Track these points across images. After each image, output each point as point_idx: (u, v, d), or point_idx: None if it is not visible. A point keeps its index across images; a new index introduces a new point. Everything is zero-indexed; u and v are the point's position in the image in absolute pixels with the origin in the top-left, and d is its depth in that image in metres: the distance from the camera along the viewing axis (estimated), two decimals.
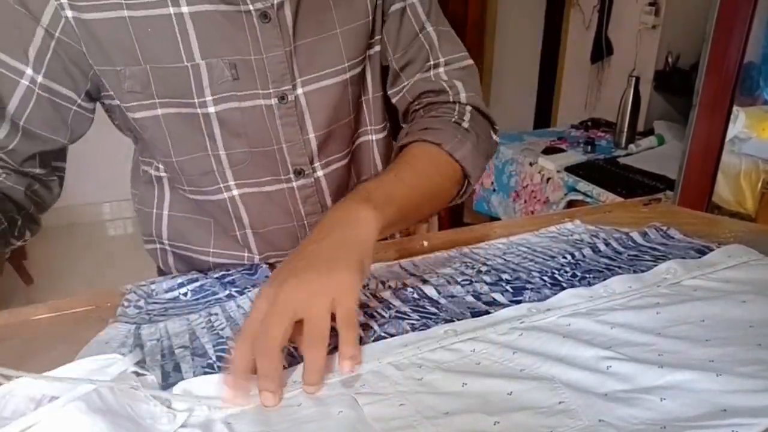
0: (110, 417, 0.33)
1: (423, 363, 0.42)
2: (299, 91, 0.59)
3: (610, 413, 0.35)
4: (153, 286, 0.58)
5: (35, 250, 2.56)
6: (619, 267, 0.58)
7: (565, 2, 2.60)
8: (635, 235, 0.66)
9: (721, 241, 0.64)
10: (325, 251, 0.44)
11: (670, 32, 2.15)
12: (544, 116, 2.90)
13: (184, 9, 0.53)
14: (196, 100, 0.56)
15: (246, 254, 0.68)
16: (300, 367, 0.42)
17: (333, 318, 0.41)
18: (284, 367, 0.41)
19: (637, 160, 1.90)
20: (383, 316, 0.50)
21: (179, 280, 0.58)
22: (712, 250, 0.60)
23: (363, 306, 0.52)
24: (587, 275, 0.57)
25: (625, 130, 2.01)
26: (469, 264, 0.61)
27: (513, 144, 2.09)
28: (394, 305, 0.52)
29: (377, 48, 0.65)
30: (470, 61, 0.67)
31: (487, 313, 0.49)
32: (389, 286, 0.56)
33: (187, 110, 0.57)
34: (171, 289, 0.57)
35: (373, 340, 0.46)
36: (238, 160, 0.61)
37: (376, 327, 0.48)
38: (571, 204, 1.80)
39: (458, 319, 0.48)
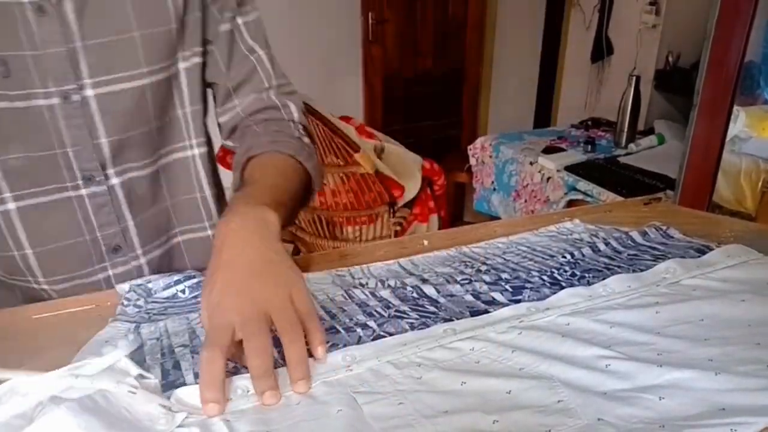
0: (105, 417, 0.33)
1: (422, 362, 0.42)
2: (89, 92, 0.55)
3: (609, 412, 0.35)
4: (150, 285, 0.58)
5: None
6: (619, 266, 0.58)
7: (566, 2, 2.60)
8: (635, 235, 0.66)
9: (721, 240, 0.64)
10: (262, 254, 0.45)
11: (671, 31, 2.15)
12: (544, 115, 2.90)
13: None
14: None
15: (31, 279, 0.61)
16: None
17: None
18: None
19: (637, 159, 1.90)
20: (382, 315, 0.50)
21: (175, 278, 0.58)
22: (711, 249, 0.60)
23: (362, 305, 0.52)
24: (586, 274, 0.57)
25: (626, 129, 2.01)
26: (468, 263, 0.61)
27: (513, 143, 2.09)
28: (393, 304, 0.52)
29: (195, 61, 0.62)
30: (293, 87, 0.71)
31: (486, 312, 0.49)
32: (389, 285, 0.56)
33: None
34: (168, 287, 0.57)
35: (372, 339, 0.46)
36: (13, 167, 0.55)
37: (374, 326, 0.48)
38: (571, 203, 1.80)
39: (457, 319, 0.48)
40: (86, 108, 0.56)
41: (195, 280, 0.58)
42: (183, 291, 0.57)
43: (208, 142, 0.68)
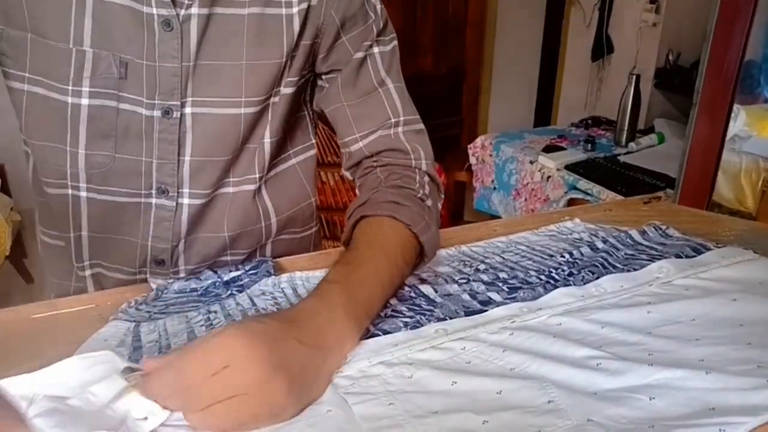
0: (83, 419, 0.34)
1: (413, 362, 0.42)
2: (188, 110, 0.57)
3: (599, 413, 0.35)
4: (174, 284, 0.58)
5: (35, 249, 2.56)
6: (614, 266, 0.58)
7: (566, 0, 2.59)
8: (634, 234, 0.66)
9: (721, 239, 0.64)
10: (298, 370, 0.38)
11: (671, 30, 2.14)
12: (544, 114, 2.90)
13: None
14: (70, 87, 0.53)
15: (75, 264, 0.63)
16: None
17: None
18: None
19: (637, 158, 1.90)
20: (379, 315, 0.50)
21: (193, 285, 0.59)
22: (709, 249, 0.60)
23: None
24: (582, 272, 0.57)
25: (626, 128, 2.01)
26: (467, 262, 0.61)
27: (513, 142, 2.09)
28: (390, 303, 0.52)
29: (287, 91, 0.61)
30: (422, 126, 0.67)
31: (482, 312, 0.49)
32: None
33: (56, 96, 0.54)
34: (182, 291, 0.58)
35: (367, 338, 0.46)
36: (97, 163, 0.57)
37: (370, 325, 0.48)
38: (571, 202, 1.80)
39: (451, 318, 0.48)
40: (182, 125, 0.57)
41: (209, 282, 0.58)
42: (195, 290, 0.58)
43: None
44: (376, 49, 0.63)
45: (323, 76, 0.65)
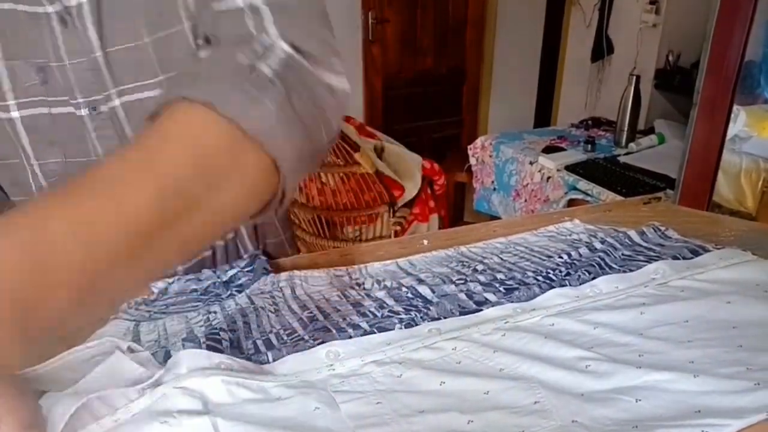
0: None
1: (404, 361, 0.42)
2: (116, 102, 0.54)
3: (584, 414, 0.35)
4: (174, 284, 0.59)
5: None
6: (611, 267, 0.58)
7: (566, 1, 2.60)
8: (632, 234, 0.66)
9: (721, 240, 0.63)
10: None
11: (671, 31, 2.15)
12: (544, 115, 2.91)
13: None
14: None
15: None
16: (289, 359, 0.42)
17: None
18: None
19: (637, 158, 1.90)
20: (375, 316, 0.50)
21: (193, 286, 0.59)
22: (708, 251, 0.59)
23: (356, 305, 0.53)
24: (579, 272, 0.57)
25: (626, 128, 2.01)
26: (465, 263, 0.61)
27: (513, 143, 2.09)
28: (387, 304, 0.52)
29: None
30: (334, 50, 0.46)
31: (476, 312, 0.50)
32: (385, 286, 0.56)
33: None
34: (182, 292, 0.58)
35: (361, 336, 0.46)
36: (51, 171, 0.56)
37: (366, 326, 0.48)
38: (571, 203, 1.80)
39: (445, 317, 0.49)
40: (115, 119, 0.55)
41: (209, 282, 0.59)
42: (195, 290, 0.58)
43: None
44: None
45: None
